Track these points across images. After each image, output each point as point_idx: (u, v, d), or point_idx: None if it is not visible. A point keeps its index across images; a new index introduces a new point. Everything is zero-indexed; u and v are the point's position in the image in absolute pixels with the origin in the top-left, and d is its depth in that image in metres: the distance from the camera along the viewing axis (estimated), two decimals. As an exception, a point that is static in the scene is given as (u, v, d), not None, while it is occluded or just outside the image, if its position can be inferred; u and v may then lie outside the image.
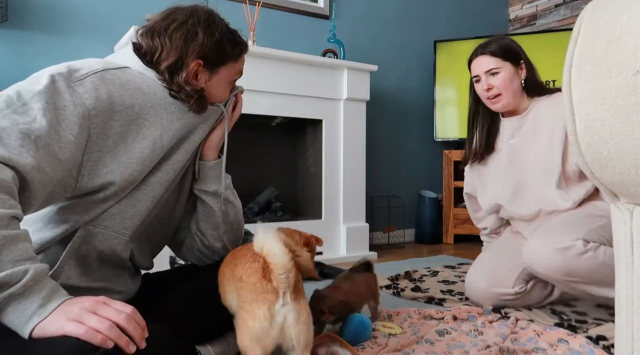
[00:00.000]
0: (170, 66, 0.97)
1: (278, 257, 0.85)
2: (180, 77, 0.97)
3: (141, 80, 0.95)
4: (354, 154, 2.74)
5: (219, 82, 1.05)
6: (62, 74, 0.83)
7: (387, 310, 1.52)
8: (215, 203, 1.13)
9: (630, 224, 0.58)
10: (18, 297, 0.66)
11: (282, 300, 0.86)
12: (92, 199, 0.89)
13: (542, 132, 1.63)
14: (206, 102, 1.04)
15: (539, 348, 1.24)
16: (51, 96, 0.80)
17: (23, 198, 0.74)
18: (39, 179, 0.74)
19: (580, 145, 0.60)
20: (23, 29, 2.19)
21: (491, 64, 1.64)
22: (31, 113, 0.77)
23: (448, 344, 1.28)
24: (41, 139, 0.75)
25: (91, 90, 0.85)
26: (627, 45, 0.51)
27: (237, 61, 1.08)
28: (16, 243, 0.68)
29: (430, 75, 3.47)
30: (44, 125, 0.76)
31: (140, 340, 0.70)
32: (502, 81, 1.63)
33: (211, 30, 1.00)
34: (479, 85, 1.69)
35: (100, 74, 0.88)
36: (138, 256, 1.07)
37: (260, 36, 2.65)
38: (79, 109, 0.82)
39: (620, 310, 0.61)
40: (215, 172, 1.12)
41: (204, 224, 1.15)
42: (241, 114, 1.19)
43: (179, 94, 0.98)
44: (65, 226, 0.89)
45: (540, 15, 3.78)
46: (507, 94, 1.64)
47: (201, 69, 1.00)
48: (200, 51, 0.99)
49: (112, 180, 0.88)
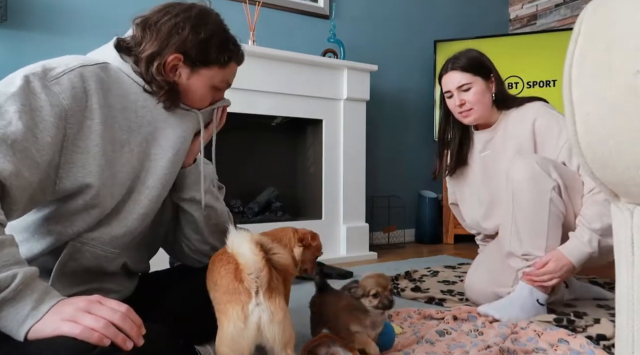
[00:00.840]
0: (149, 56, 0.95)
1: (246, 257, 0.84)
2: (154, 66, 0.95)
3: (115, 79, 0.93)
4: (354, 154, 2.74)
5: (198, 84, 1.01)
6: (36, 74, 0.81)
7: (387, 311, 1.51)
8: (194, 210, 1.09)
9: (630, 224, 0.58)
10: (10, 302, 0.65)
11: (255, 300, 0.85)
12: (73, 206, 0.87)
13: (511, 144, 1.65)
14: (178, 98, 1.00)
15: (539, 348, 1.23)
16: (26, 97, 0.78)
17: (4, 205, 0.72)
18: (17, 185, 0.73)
19: (580, 145, 0.60)
20: (22, 28, 2.19)
21: (463, 79, 1.64)
22: (6, 116, 0.75)
23: (448, 344, 1.28)
24: (18, 143, 0.74)
25: (68, 88, 0.83)
26: (627, 45, 0.51)
27: (224, 68, 1.03)
28: (2, 248, 0.67)
29: (430, 75, 3.47)
30: (20, 128, 0.74)
31: (137, 337, 0.70)
32: (474, 96, 1.63)
33: (199, 28, 0.98)
34: (451, 101, 1.69)
35: (77, 70, 0.86)
36: (132, 264, 1.06)
37: (260, 36, 2.64)
38: (56, 109, 0.80)
39: (620, 310, 0.61)
40: (192, 179, 1.08)
41: (187, 230, 1.12)
42: (241, 114, 1.18)
43: (151, 86, 0.96)
44: (50, 239, 0.88)
45: (540, 15, 3.78)
46: (479, 108, 1.65)
47: (181, 65, 0.98)
48: (182, 46, 0.96)
49: (90, 183, 0.86)
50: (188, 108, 1.03)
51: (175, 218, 1.14)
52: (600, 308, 1.57)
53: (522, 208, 1.47)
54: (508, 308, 1.47)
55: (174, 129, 1.01)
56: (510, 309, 1.46)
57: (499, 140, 1.69)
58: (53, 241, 0.88)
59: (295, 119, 2.67)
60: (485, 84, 1.66)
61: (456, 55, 1.70)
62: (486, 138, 1.73)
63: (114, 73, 0.94)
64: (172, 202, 1.11)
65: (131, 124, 0.94)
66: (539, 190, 1.44)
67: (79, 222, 0.89)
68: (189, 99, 1.02)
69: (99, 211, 0.90)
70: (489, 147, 1.72)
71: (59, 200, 0.86)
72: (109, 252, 0.95)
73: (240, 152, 2.66)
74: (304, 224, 2.57)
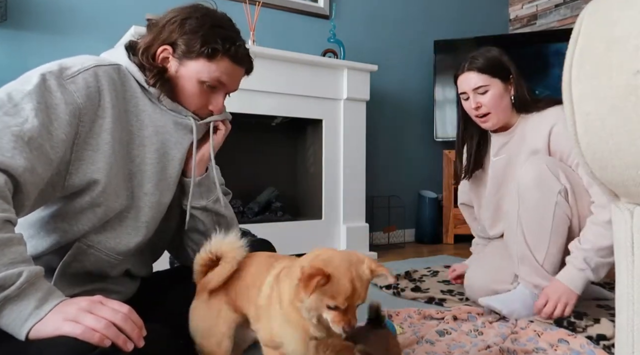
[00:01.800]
0: (144, 48, 1.00)
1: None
2: (146, 56, 0.99)
3: (123, 82, 0.96)
4: (354, 154, 2.74)
5: (186, 77, 1.01)
6: (53, 73, 0.83)
7: (388, 311, 1.51)
8: (205, 217, 1.10)
9: (630, 224, 0.58)
10: (13, 300, 0.66)
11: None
12: (79, 203, 0.88)
13: (525, 150, 1.58)
14: (168, 86, 1.01)
15: (539, 348, 1.24)
16: (42, 95, 0.80)
17: (16, 200, 0.73)
18: (31, 181, 0.74)
19: (580, 145, 0.60)
20: (23, 28, 2.19)
21: (479, 81, 1.56)
22: (23, 114, 0.76)
23: (448, 344, 1.28)
24: (34, 140, 0.75)
25: (83, 87, 0.85)
26: (627, 45, 0.51)
27: (211, 62, 1.00)
28: (10, 246, 0.68)
29: (430, 75, 3.47)
30: (36, 126, 0.76)
31: (138, 339, 0.70)
32: (491, 99, 1.56)
33: (187, 21, 1.00)
34: (467, 103, 1.62)
35: (92, 70, 0.88)
36: (134, 269, 1.07)
37: (260, 36, 2.64)
38: (70, 107, 0.82)
39: (620, 310, 0.61)
40: (203, 188, 1.09)
41: (195, 236, 1.12)
42: (241, 114, 1.18)
43: (144, 72, 0.99)
44: (56, 236, 0.89)
45: (540, 15, 3.78)
46: (497, 112, 1.58)
47: (171, 57, 1.01)
48: (169, 37, 0.99)
49: (97, 179, 0.87)
50: (184, 115, 1.03)
51: (182, 224, 1.14)
52: (600, 308, 1.57)
53: (527, 209, 1.46)
54: (509, 302, 1.47)
55: (170, 135, 1.02)
56: (511, 304, 1.46)
57: (514, 145, 1.63)
58: (58, 239, 0.89)
59: (295, 119, 2.67)
60: (503, 86, 1.58)
61: (474, 54, 1.62)
62: (502, 141, 1.66)
63: (124, 75, 0.97)
64: (178, 211, 1.12)
65: (132, 127, 0.96)
66: (545, 192, 1.43)
67: (84, 220, 0.90)
68: (182, 96, 1.03)
69: (104, 210, 0.91)
70: (504, 151, 1.66)
71: (66, 197, 0.88)
72: (112, 258, 0.96)
73: (240, 152, 2.65)
74: (304, 224, 2.58)
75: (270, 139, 2.88)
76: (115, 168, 0.91)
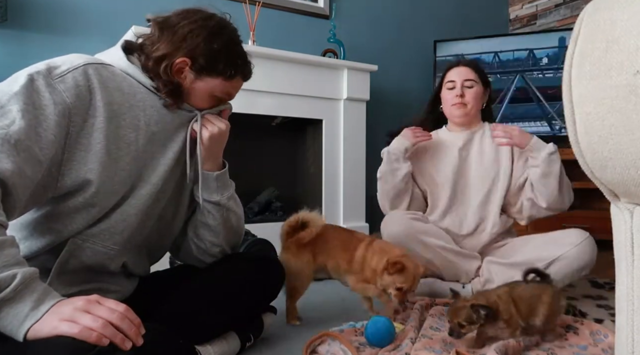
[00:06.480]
0: (160, 56, 0.97)
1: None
2: (162, 66, 0.97)
3: (122, 79, 0.94)
4: (354, 154, 2.74)
5: (200, 90, 1.03)
6: (40, 72, 0.82)
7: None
8: (217, 211, 1.12)
9: (630, 224, 0.58)
10: (9, 302, 0.65)
11: None
12: (73, 204, 0.87)
13: (488, 152, 1.79)
14: (181, 98, 1.01)
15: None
16: (30, 96, 0.78)
17: (6, 203, 0.73)
18: (20, 183, 0.74)
19: (580, 145, 0.60)
20: (23, 29, 2.19)
21: (471, 75, 1.80)
22: (9, 116, 0.75)
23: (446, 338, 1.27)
24: (21, 142, 0.74)
25: (72, 86, 0.84)
26: (627, 45, 0.51)
27: (229, 81, 1.04)
28: (2, 249, 0.67)
29: (430, 75, 3.46)
30: (23, 127, 0.75)
31: (136, 337, 0.70)
32: (473, 94, 1.79)
33: (212, 38, 1.00)
34: (452, 91, 1.81)
35: (82, 68, 0.87)
36: (132, 266, 1.06)
37: (260, 36, 2.64)
38: (59, 107, 0.81)
39: (620, 310, 0.61)
40: (219, 183, 1.11)
41: (203, 231, 1.13)
42: (241, 114, 1.18)
43: (156, 82, 0.97)
44: (50, 236, 0.88)
45: (540, 15, 3.78)
46: (473, 106, 1.80)
47: (187, 69, 0.99)
48: (191, 51, 0.98)
49: (90, 179, 0.86)
50: (191, 110, 1.04)
51: (185, 225, 1.15)
52: (600, 308, 1.57)
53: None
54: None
55: (177, 129, 1.03)
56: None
57: (475, 145, 1.83)
58: (52, 239, 0.89)
59: (295, 119, 2.67)
60: (483, 90, 1.83)
61: (466, 58, 1.90)
62: (466, 138, 1.84)
63: (119, 72, 0.95)
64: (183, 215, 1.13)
65: (139, 123, 0.95)
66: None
67: (79, 220, 0.89)
68: (189, 100, 1.04)
69: (98, 210, 0.91)
70: (468, 147, 1.83)
71: (59, 198, 0.87)
72: (109, 248, 0.95)
73: (240, 152, 2.65)
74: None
75: (270, 139, 2.88)
76: (110, 168, 0.89)
